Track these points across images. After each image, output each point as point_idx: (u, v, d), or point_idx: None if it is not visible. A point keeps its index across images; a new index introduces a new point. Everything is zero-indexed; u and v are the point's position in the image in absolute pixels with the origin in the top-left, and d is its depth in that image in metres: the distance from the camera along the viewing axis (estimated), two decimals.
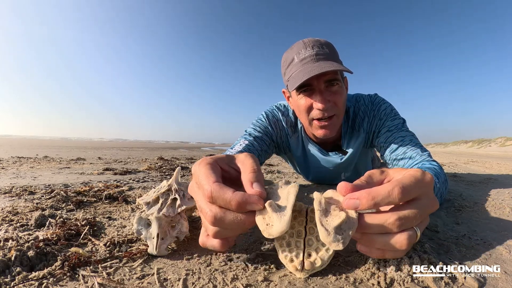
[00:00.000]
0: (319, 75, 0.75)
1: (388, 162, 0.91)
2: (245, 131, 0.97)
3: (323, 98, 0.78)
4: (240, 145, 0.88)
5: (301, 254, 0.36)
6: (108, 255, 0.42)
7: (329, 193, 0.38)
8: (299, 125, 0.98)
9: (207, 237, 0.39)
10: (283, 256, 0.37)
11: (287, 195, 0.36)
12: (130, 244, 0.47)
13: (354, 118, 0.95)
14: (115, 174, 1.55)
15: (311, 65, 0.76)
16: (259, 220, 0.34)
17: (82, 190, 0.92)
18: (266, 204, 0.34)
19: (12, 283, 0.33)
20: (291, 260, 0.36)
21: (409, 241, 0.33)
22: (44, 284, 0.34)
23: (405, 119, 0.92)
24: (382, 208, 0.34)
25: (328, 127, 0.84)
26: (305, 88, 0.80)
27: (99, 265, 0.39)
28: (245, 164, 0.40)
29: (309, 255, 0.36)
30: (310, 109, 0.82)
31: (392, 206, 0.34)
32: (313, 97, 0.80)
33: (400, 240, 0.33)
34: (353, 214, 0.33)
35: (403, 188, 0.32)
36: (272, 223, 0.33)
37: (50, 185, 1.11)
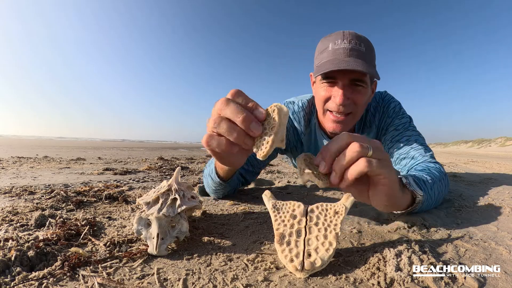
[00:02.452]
0: (346, 71, 0.74)
1: (392, 161, 0.92)
2: None
3: (343, 94, 0.76)
4: None
5: (301, 254, 0.36)
6: (108, 255, 0.42)
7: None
8: (313, 121, 0.98)
9: (212, 135, 0.42)
10: (283, 256, 0.37)
11: None
12: (130, 244, 0.47)
13: (366, 114, 0.96)
14: (115, 174, 1.55)
15: (342, 58, 0.75)
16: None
17: (82, 190, 0.92)
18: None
19: (12, 283, 0.33)
20: (291, 260, 0.36)
21: (361, 147, 0.41)
22: (44, 284, 0.34)
23: (411, 117, 0.94)
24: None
25: (341, 123, 0.82)
26: (330, 79, 0.79)
27: (99, 265, 0.39)
28: None
29: (309, 255, 0.36)
30: (328, 99, 0.81)
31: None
32: (334, 90, 0.79)
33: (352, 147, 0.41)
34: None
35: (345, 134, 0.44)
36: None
37: (50, 185, 1.11)
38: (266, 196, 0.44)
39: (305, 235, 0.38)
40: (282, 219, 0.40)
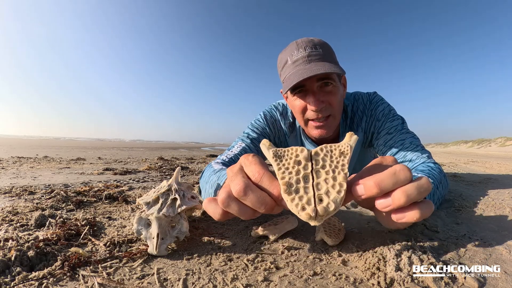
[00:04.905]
0: (312, 76, 0.75)
1: None
2: (243, 132, 0.98)
3: (317, 99, 0.78)
4: (237, 147, 0.90)
5: (312, 200, 0.34)
6: (108, 255, 0.42)
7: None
8: (297, 124, 0.98)
9: (232, 198, 0.38)
10: (293, 206, 0.34)
11: None
12: (130, 244, 0.47)
13: (352, 117, 0.95)
14: (115, 174, 1.55)
15: (303, 67, 0.76)
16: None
17: (82, 190, 0.92)
18: None
19: (12, 283, 0.33)
20: (303, 208, 0.33)
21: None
22: (44, 284, 0.34)
23: (404, 118, 0.92)
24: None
25: (324, 127, 0.83)
26: (299, 89, 0.80)
27: (99, 265, 0.39)
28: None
29: (321, 200, 0.34)
30: (305, 110, 0.82)
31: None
32: (307, 98, 0.80)
33: (423, 181, 0.35)
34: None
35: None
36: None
37: (50, 185, 1.11)
38: (265, 145, 0.39)
39: (313, 180, 0.35)
40: (286, 167, 0.36)
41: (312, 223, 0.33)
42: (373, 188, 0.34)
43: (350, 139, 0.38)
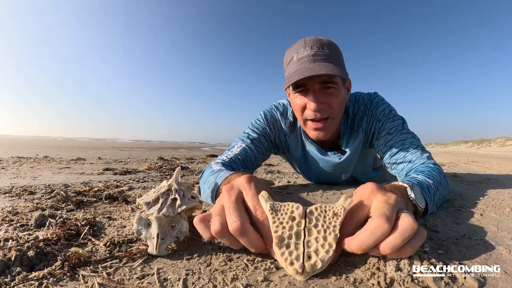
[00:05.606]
0: (314, 76, 0.74)
1: (387, 166, 0.91)
2: (244, 132, 0.98)
3: (316, 99, 0.78)
4: (238, 147, 0.90)
5: (301, 257, 0.36)
6: (108, 255, 0.42)
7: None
8: (298, 125, 0.98)
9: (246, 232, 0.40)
10: (282, 259, 0.36)
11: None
12: (130, 244, 0.47)
13: (353, 118, 0.94)
14: (115, 174, 1.55)
15: (307, 65, 0.76)
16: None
17: (82, 190, 0.92)
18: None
19: (12, 283, 0.33)
20: (291, 263, 0.36)
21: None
22: (44, 284, 0.34)
23: (404, 118, 0.91)
24: None
25: (322, 129, 0.83)
26: (301, 88, 0.80)
27: (99, 265, 0.39)
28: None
29: (309, 257, 0.36)
30: (304, 108, 0.82)
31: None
32: (307, 98, 0.79)
33: (406, 226, 0.36)
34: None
35: (387, 218, 0.36)
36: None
37: (50, 185, 1.11)
38: (263, 197, 0.42)
39: (304, 237, 0.37)
40: (281, 221, 0.39)
41: (298, 278, 0.36)
42: (356, 249, 0.37)
43: (344, 202, 0.40)
